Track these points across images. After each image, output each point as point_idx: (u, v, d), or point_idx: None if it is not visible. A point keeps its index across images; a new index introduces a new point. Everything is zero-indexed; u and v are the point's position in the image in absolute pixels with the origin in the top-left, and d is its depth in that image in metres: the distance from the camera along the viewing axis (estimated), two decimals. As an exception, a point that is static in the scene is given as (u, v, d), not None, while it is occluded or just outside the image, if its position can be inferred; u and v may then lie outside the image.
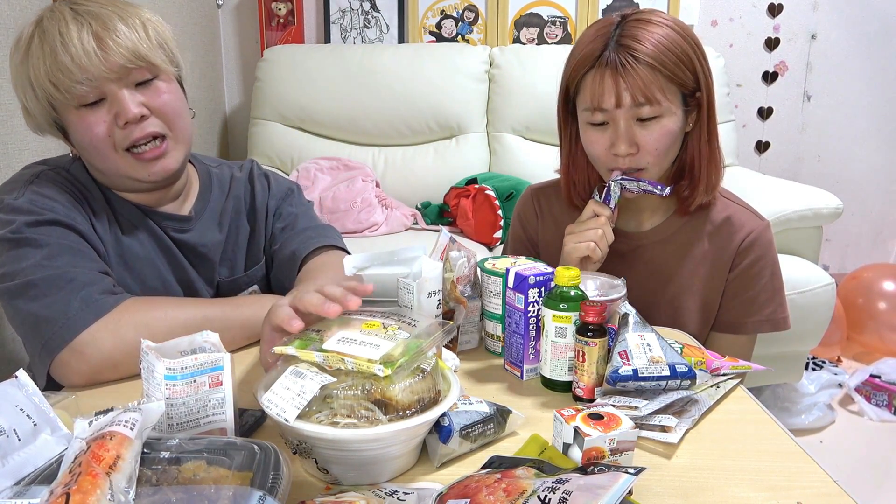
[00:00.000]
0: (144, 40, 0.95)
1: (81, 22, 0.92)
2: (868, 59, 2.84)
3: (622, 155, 1.05)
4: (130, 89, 0.95)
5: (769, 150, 2.93)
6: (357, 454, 0.66)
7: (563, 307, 0.86)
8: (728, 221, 1.15)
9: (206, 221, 1.13)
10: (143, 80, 0.96)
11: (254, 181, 1.20)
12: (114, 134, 0.96)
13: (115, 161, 0.97)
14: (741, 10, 2.80)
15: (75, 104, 0.94)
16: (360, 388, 0.65)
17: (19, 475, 0.60)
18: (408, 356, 0.66)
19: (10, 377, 0.67)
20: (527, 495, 0.56)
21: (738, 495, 0.67)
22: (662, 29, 1.03)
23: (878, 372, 2.26)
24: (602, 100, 1.03)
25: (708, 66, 1.07)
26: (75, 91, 0.92)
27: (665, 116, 1.03)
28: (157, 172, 0.99)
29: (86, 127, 0.95)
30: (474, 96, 2.55)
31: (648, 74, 1.01)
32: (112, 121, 0.95)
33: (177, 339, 0.74)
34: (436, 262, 0.87)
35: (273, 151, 2.59)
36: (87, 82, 0.92)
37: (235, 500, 0.54)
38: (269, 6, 2.75)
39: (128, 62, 0.93)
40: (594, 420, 0.69)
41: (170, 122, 0.99)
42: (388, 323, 0.71)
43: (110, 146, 0.96)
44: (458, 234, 2.28)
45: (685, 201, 1.13)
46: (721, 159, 1.13)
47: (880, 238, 3.04)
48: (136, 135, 0.96)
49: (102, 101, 0.95)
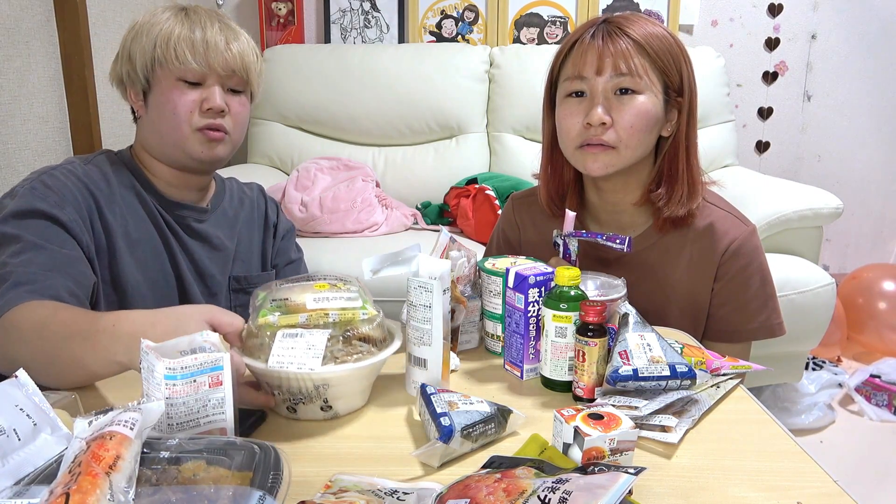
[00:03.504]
0: (254, 62, 1.15)
1: (214, 22, 1.11)
2: (868, 59, 2.84)
3: (595, 123, 1.03)
4: (224, 88, 1.11)
5: (769, 150, 2.93)
6: (360, 383, 0.83)
7: (563, 307, 0.86)
8: (711, 228, 1.12)
9: (221, 217, 1.24)
10: (234, 88, 1.13)
11: (266, 202, 1.35)
12: (195, 113, 1.09)
13: (183, 133, 1.09)
14: (741, 10, 2.80)
15: (178, 75, 1.07)
16: (346, 333, 0.80)
17: (19, 475, 0.60)
18: (369, 301, 0.84)
19: (11, 377, 0.67)
20: (527, 495, 0.56)
21: (738, 495, 0.67)
22: (653, 25, 1.05)
23: (878, 372, 2.26)
24: (584, 67, 1.03)
25: (693, 76, 1.07)
26: (189, 65, 1.06)
27: (644, 94, 1.02)
28: (207, 153, 1.11)
29: (177, 97, 1.08)
30: (474, 96, 2.55)
31: (633, 48, 1.02)
32: (198, 103, 1.09)
33: (176, 339, 0.74)
34: (443, 260, 0.87)
35: (273, 151, 2.59)
36: (201, 64, 1.07)
37: (235, 500, 0.54)
38: (269, 6, 2.75)
39: (238, 68, 1.11)
40: (594, 420, 0.69)
41: (236, 126, 1.14)
42: (333, 282, 0.86)
43: (187, 121, 1.09)
44: (458, 234, 2.28)
45: (661, 211, 1.10)
46: (699, 173, 1.11)
47: (880, 238, 3.04)
48: (211, 121, 1.10)
49: (198, 86, 1.09)
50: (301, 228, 2.18)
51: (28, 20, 1.73)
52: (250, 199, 1.32)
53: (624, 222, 1.16)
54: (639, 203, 1.12)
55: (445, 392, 0.80)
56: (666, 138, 1.09)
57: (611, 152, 1.04)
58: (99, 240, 1.06)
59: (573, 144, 1.07)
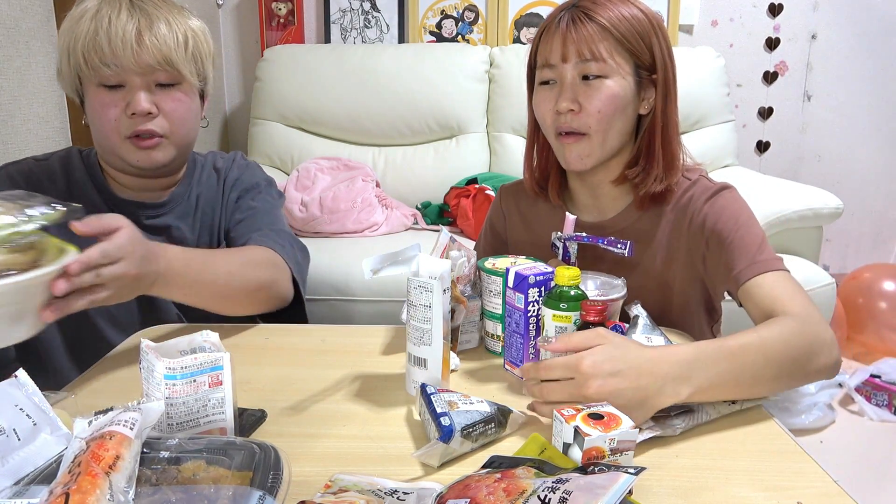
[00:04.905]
0: (180, 49, 1.03)
1: (132, 14, 1.00)
2: (868, 59, 2.84)
3: (563, 111, 1.03)
4: (149, 86, 1.03)
5: (769, 150, 2.93)
6: None
7: (563, 307, 0.85)
8: (687, 198, 1.09)
9: (185, 205, 1.17)
10: (165, 82, 1.04)
11: (233, 167, 1.24)
12: (121, 120, 1.03)
13: (114, 142, 1.05)
14: (741, 10, 2.80)
15: (97, 82, 1.02)
16: None
17: (19, 475, 0.60)
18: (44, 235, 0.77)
19: (10, 377, 0.67)
20: (527, 495, 0.56)
21: (738, 495, 0.67)
22: (626, 4, 1.03)
23: (878, 372, 2.25)
24: (550, 56, 1.03)
25: (669, 51, 1.06)
26: (101, 71, 1.00)
27: (611, 77, 1.02)
28: (145, 160, 1.06)
29: (100, 104, 1.03)
30: (474, 96, 2.55)
31: (597, 32, 1.00)
32: (123, 108, 1.02)
33: (176, 339, 0.74)
34: (443, 260, 0.87)
35: (273, 151, 2.59)
36: (113, 67, 1.00)
37: (235, 499, 0.54)
38: (270, 6, 2.75)
39: (156, 63, 1.01)
40: (594, 420, 0.69)
41: (172, 125, 1.06)
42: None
43: (115, 130, 1.04)
44: (458, 234, 2.28)
45: (637, 188, 1.09)
46: (680, 149, 1.09)
47: (880, 238, 3.04)
48: (138, 127, 1.03)
49: (121, 88, 1.02)
50: (301, 228, 2.18)
51: (28, 20, 1.73)
52: (219, 169, 1.23)
53: (604, 201, 1.15)
54: (618, 181, 1.11)
55: (445, 392, 0.80)
56: (645, 116, 1.09)
57: (583, 140, 1.04)
58: None
59: (551, 133, 1.08)
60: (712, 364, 0.79)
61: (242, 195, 1.22)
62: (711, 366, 0.79)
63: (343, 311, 1.87)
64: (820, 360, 0.87)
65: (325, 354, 1.02)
